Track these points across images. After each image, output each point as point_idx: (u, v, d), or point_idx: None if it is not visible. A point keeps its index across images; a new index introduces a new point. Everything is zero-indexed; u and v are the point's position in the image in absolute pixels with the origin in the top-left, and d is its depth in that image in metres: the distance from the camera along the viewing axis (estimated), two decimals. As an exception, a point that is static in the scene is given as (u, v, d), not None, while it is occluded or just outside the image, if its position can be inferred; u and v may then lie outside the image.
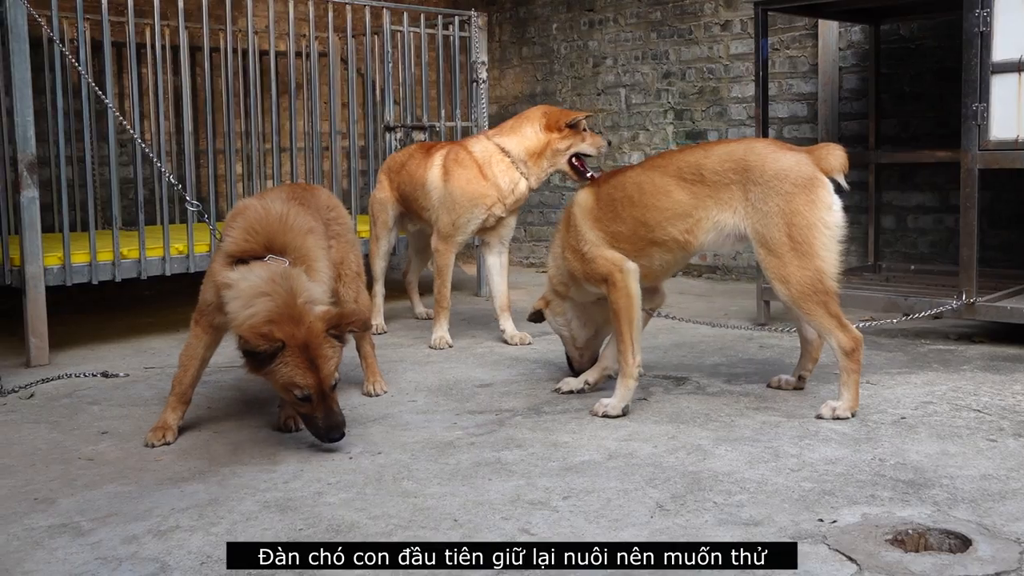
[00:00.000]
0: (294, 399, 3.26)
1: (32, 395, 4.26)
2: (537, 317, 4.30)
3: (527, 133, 5.17)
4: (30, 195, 4.80)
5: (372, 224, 5.81)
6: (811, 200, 3.58)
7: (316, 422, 3.28)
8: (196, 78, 6.98)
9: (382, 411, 3.89)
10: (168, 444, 3.48)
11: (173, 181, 4.81)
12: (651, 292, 4.09)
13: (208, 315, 3.52)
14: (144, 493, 2.99)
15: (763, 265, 3.66)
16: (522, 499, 2.86)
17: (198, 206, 4.35)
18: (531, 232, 8.82)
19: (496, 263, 5.40)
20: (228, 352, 4.97)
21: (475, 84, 6.85)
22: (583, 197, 3.96)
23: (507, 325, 5.32)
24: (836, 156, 3.66)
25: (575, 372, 4.25)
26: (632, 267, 3.79)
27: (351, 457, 3.30)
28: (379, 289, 5.76)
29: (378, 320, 5.61)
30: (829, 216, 3.59)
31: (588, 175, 5.10)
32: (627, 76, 8.05)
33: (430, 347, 5.15)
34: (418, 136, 6.60)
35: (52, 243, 5.31)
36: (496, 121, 8.86)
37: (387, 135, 6.54)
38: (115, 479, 3.13)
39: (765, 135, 5.53)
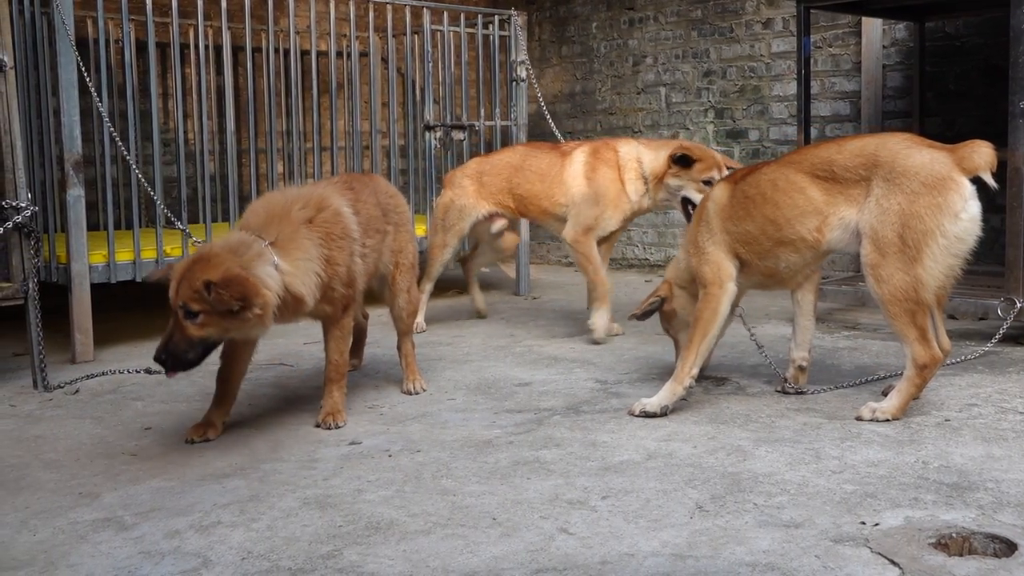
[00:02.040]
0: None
1: (77, 391, 4.32)
2: (649, 313, 4.13)
3: (660, 155, 5.14)
4: (76, 194, 4.86)
5: (440, 231, 5.63)
6: (935, 204, 3.41)
7: (158, 348, 3.28)
8: (239, 78, 7.05)
9: (421, 409, 3.91)
10: (209, 440, 3.52)
11: (154, 195, 4.84)
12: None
13: None
14: (186, 488, 3.02)
15: (864, 258, 3.54)
16: (561, 498, 2.86)
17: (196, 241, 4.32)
18: (516, 233, 8.79)
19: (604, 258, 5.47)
20: (269, 350, 5.01)
21: (515, 83, 6.85)
22: (719, 193, 3.89)
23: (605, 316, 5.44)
24: (982, 153, 3.44)
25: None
26: (731, 288, 3.78)
27: (390, 455, 3.31)
28: (428, 287, 5.73)
29: (419, 319, 5.63)
30: (952, 225, 3.41)
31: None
32: (667, 75, 8.02)
33: (596, 341, 5.14)
34: (457, 136, 6.62)
35: (97, 241, 5.38)
36: (535, 121, 8.87)
37: (427, 134, 6.56)
38: (158, 474, 3.17)
39: (807, 134, 5.48)
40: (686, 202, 5.06)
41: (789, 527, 2.61)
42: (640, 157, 5.18)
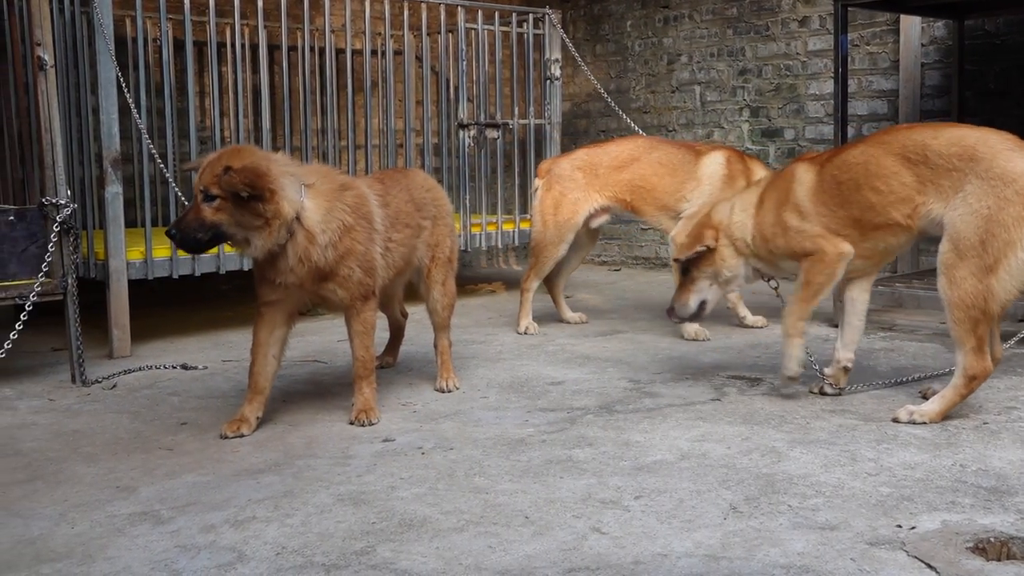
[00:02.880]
0: None
1: (114, 386, 4.37)
2: (691, 260, 4.00)
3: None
4: (114, 191, 4.92)
5: (552, 227, 5.49)
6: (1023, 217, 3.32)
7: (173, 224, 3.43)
8: (274, 76, 7.09)
9: (454, 407, 3.92)
10: (244, 436, 3.55)
11: (179, 192, 4.84)
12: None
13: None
14: (222, 483, 3.05)
15: (940, 255, 3.46)
16: (593, 498, 2.85)
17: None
18: (601, 230, 8.78)
19: None
20: (303, 347, 5.04)
21: (548, 82, 6.85)
22: (804, 174, 3.82)
23: (746, 312, 5.54)
24: None
25: (677, 316, 4.08)
26: (849, 251, 3.72)
27: (423, 453, 3.32)
28: (534, 285, 5.59)
29: (525, 321, 5.53)
30: None
31: None
32: (702, 73, 7.98)
33: (684, 338, 5.17)
34: (491, 134, 6.63)
35: (135, 238, 5.44)
36: (569, 120, 8.85)
37: (460, 132, 6.57)
38: (194, 469, 3.20)
39: (843, 133, 5.44)
40: None
41: (824, 529, 2.59)
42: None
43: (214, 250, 5.39)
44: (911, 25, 6.55)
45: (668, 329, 5.45)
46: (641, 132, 7.03)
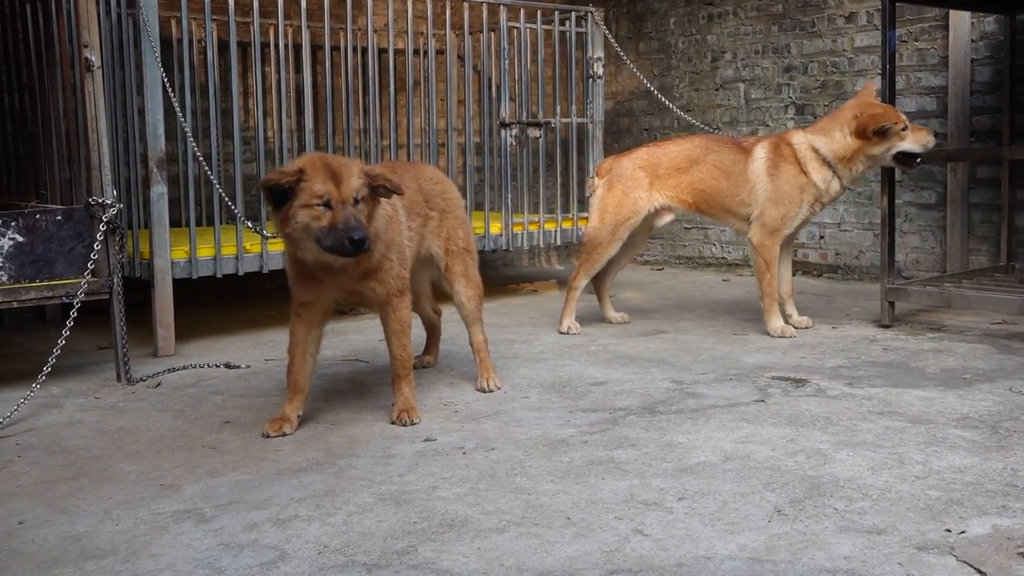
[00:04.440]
0: (316, 214, 3.30)
1: (159, 384, 4.41)
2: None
3: (836, 137, 5.10)
4: (159, 190, 4.97)
5: (610, 224, 5.44)
6: None
7: (337, 230, 3.29)
8: (317, 76, 7.13)
9: (495, 407, 3.91)
10: (286, 435, 3.57)
11: (222, 194, 4.88)
12: None
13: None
14: (264, 482, 3.07)
15: None
16: (636, 499, 2.84)
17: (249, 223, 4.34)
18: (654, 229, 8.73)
19: (785, 254, 5.41)
20: (345, 346, 5.07)
21: (591, 80, 6.83)
22: None
23: (793, 311, 5.45)
24: None
25: None
26: None
27: (464, 452, 3.32)
28: (582, 283, 5.57)
29: (568, 321, 5.51)
30: None
31: (918, 161, 5.10)
32: (746, 70, 7.91)
33: (771, 335, 5.15)
34: (533, 133, 6.62)
35: (179, 237, 5.48)
36: (612, 118, 8.82)
37: (502, 131, 6.57)
38: (236, 467, 3.22)
39: (891, 130, 5.35)
40: (902, 157, 5.08)
41: (871, 533, 2.55)
42: (814, 145, 5.16)
43: (257, 248, 5.44)
44: (961, 20, 6.44)
45: (711, 329, 5.40)
46: (705, 129, 6.99)
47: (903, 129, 5.03)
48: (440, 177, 4.26)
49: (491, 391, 4.15)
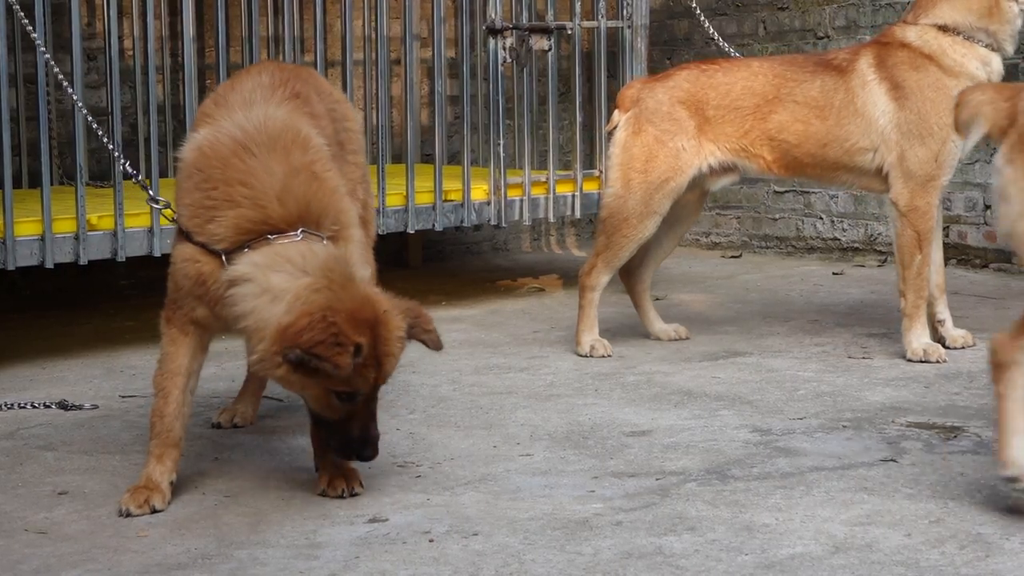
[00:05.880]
0: (332, 403, 3.48)
1: (-44, 434, 4.45)
2: None
3: None
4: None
5: (639, 188, 5.49)
6: None
7: (350, 431, 3.52)
8: (201, -46, 7.16)
9: (479, 469, 3.95)
10: (156, 512, 3.60)
11: (132, 172, 4.83)
12: None
13: (185, 308, 3.68)
14: (122, 585, 3.11)
15: None
16: (696, 611, 2.89)
17: (164, 203, 4.33)
18: (712, 194, 8.76)
19: (935, 229, 5.45)
20: (239, 371, 5.10)
21: (629, -39, 6.86)
22: None
23: (946, 315, 5.51)
24: None
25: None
26: None
27: (432, 539, 3.36)
28: (603, 280, 5.61)
29: (590, 337, 5.56)
30: None
31: None
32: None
33: (910, 359, 5.21)
34: (540, 44, 6.62)
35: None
36: (661, 21, 8.82)
37: (491, 41, 6.57)
38: (78, 563, 3.24)
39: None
40: None
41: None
42: (942, 23, 5.24)
43: (108, 223, 5.44)
44: None
45: (815, 350, 5.45)
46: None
47: None
48: (339, 95, 4.34)
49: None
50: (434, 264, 7.96)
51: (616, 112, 5.66)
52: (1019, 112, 3.52)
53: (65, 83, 5.05)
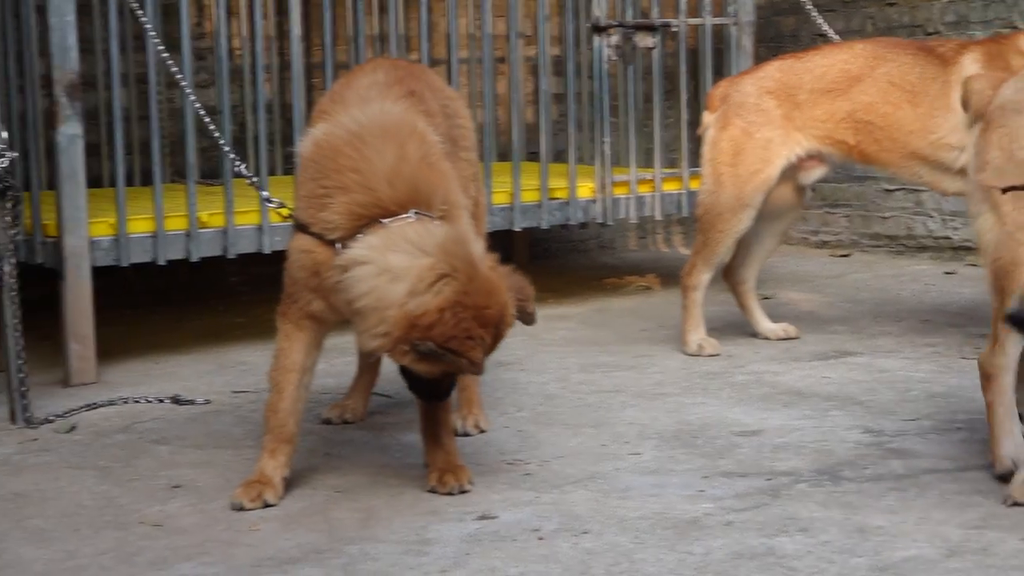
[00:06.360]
0: (439, 375, 3.57)
1: (73, 427, 4.51)
2: None
3: None
4: (70, 132, 5.04)
5: (730, 184, 5.49)
6: None
7: (440, 387, 3.66)
8: (309, -46, 7.22)
9: (589, 468, 3.95)
10: (268, 506, 3.65)
11: (247, 173, 4.90)
12: None
13: (301, 302, 3.71)
14: (236, 578, 3.15)
15: None
16: (810, 612, 2.87)
17: (278, 203, 4.39)
18: (821, 192, 8.70)
19: None
20: (350, 369, 5.13)
21: (736, -43, 6.83)
22: None
23: None
24: None
25: None
26: None
27: (542, 537, 3.37)
28: (705, 279, 5.60)
29: (697, 336, 5.55)
30: None
31: None
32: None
33: None
34: (644, 41, 6.61)
35: (101, 202, 5.52)
36: (767, 17, 8.77)
37: (595, 39, 6.57)
38: (192, 556, 3.29)
39: None
40: None
41: None
42: None
43: (218, 220, 5.50)
44: None
45: (928, 350, 5.40)
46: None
47: None
48: (452, 93, 4.36)
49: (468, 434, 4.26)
50: (540, 262, 7.95)
51: (705, 113, 5.67)
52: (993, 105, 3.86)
53: (184, 82, 5.12)
